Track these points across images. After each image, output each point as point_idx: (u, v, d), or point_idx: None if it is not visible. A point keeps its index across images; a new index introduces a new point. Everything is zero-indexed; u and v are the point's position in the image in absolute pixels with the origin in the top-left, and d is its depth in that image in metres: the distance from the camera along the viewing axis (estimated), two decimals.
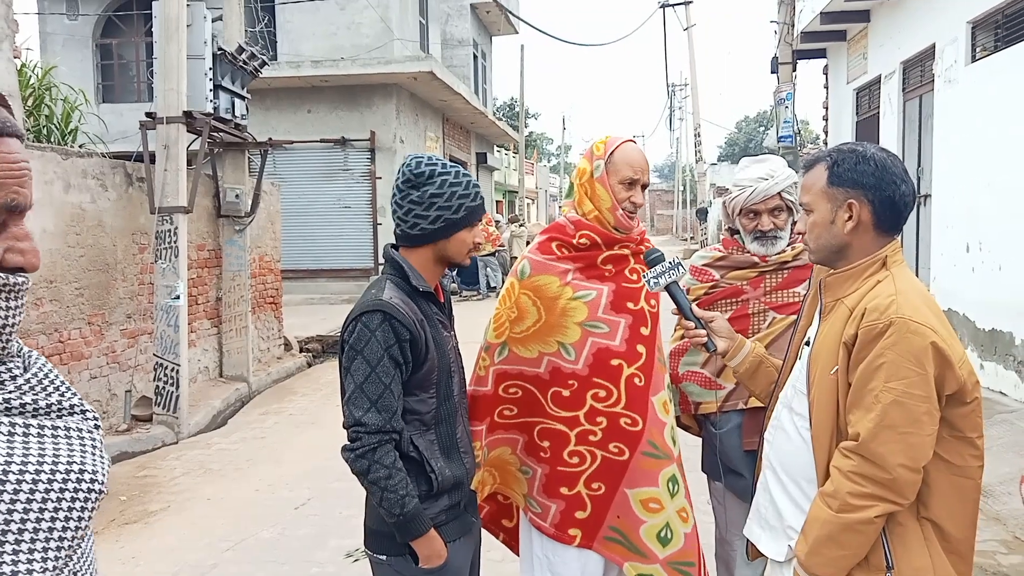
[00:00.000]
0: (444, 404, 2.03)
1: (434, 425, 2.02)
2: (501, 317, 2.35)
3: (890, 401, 1.62)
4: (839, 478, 1.67)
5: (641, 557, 2.27)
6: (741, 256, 2.53)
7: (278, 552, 4.21)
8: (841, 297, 1.79)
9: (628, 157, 2.31)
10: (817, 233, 1.82)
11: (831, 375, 1.73)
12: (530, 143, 40.40)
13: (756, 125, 59.47)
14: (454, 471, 2.03)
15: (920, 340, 1.63)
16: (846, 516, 1.65)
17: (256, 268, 9.28)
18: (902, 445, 1.62)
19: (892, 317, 1.64)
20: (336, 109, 15.14)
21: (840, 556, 1.68)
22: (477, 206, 2.07)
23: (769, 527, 1.91)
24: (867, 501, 1.64)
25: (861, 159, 1.77)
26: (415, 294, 1.98)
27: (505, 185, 31.14)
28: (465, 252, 2.08)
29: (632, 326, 2.30)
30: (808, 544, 1.71)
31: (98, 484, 0.93)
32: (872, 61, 10.75)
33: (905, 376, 1.62)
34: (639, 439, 2.28)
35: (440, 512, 2.01)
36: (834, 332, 1.75)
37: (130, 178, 6.91)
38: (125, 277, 6.80)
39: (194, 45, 6.80)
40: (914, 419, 1.62)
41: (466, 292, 16.85)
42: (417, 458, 1.96)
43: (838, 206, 1.78)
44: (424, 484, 1.97)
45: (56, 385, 0.99)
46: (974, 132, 7.47)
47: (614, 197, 2.29)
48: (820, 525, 1.69)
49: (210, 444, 6.45)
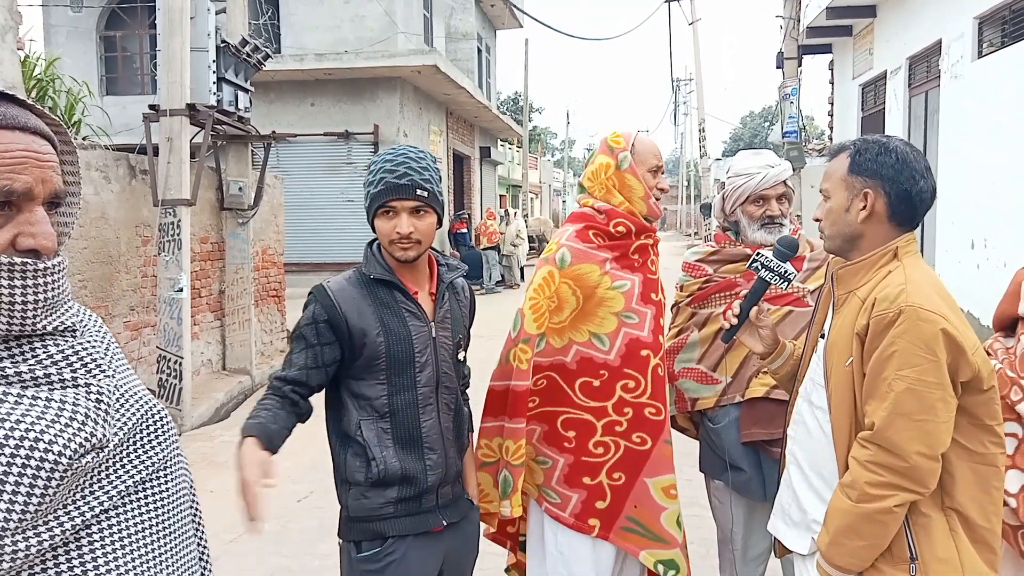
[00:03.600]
0: (400, 394, 1.96)
1: (389, 415, 1.95)
2: (540, 307, 2.29)
3: (903, 389, 1.63)
4: (857, 468, 1.68)
5: (662, 544, 2.29)
6: (734, 250, 2.53)
7: (281, 544, 4.21)
8: (853, 289, 1.80)
9: (649, 146, 2.39)
10: (832, 219, 1.84)
11: (846, 367, 1.74)
12: (534, 137, 40.32)
13: (761, 120, 59.32)
14: (405, 464, 1.94)
15: (930, 327, 1.63)
16: (865, 506, 1.65)
17: (259, 261, 9.28)
18: (918, 432, 1.62)
19: (902, 305, 1.65)
20: (340, 102, 15.12)
21: (861, 546, 1.68)
22: (400, 184, 1.91)
23: (793, 523, 1.91)
24: (886, 490, 1.64)
25: (883, 151, 1.79)
26: (372, 282, 1.97)
27: (509, 179, 31.10)
28: (387, 244, 1.97)
29: (655, 317, 2.35)
30: (829, 535, 1.72)
31: (52, 455, 0.94)
32: (878, 56, 10.71)
33: (917, 364, 1.62)
34: (662, 428, 2.32)
35: (386, 504, 1.95)
36: (847, 324, 1.76)
37: (133, 170, 6.90)
38: (128, 270, 6.80)
39: (197, 38, 6.79)
40: (928, 406, 1.62)
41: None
42: (361, 442, 1.94)
43: (854, 195, 1.80)
44: (368, 471, 1.94)
45: (80, 362, 1.03)
46: (980, 128, 7.43)
47: (645, 185, 2.34)
48: (840, 516, 1.70)
49: (213, 436, 6.46)
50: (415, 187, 1.92)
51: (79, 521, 0.99)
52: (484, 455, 2.35)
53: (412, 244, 1.95)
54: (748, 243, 2.50)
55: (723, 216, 2.59)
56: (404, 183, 1.92)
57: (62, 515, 0.98)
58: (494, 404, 2.33)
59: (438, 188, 1.99)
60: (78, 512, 0.99)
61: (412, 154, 1.97)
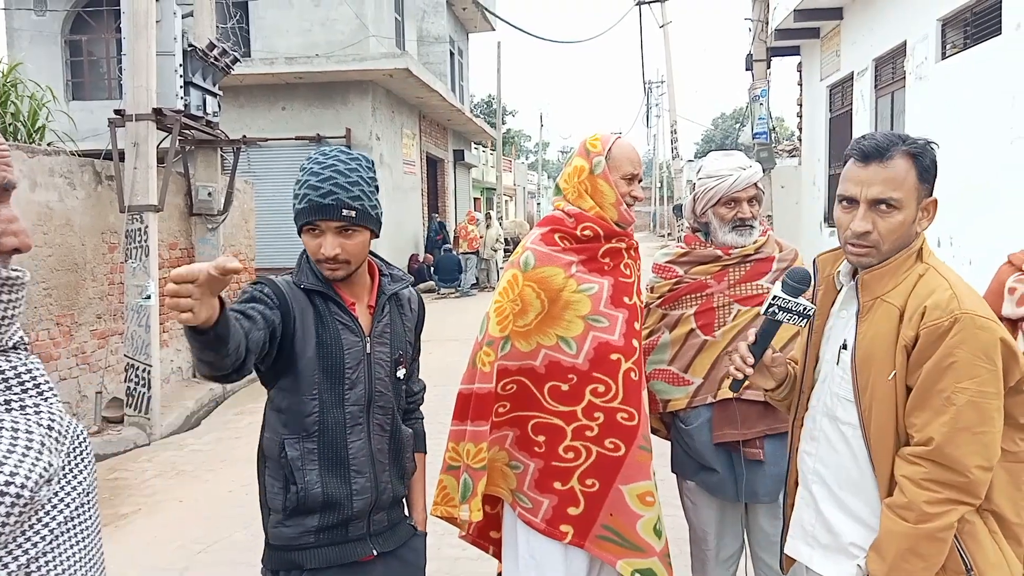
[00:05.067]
0: (331, 411, 1.81)
1: (317, 434, 1.80)
2: (504, 310, 2.28)
3: (965, 402, 1.55)
4: (911, 488, 1.60)
5: (639, 552, 2.26)
6: (704, 251, 2.53)
7: (252, 554, 4.11)
8: (880, 295, 1.69)
9: (627, 153, 2.36)
10: (899, 234, 1.67)
11: (888, 380, 1.64)
12: (508, 140, 40.34)
13: (732, 122, 59.87)
14: (328, 489, 1.80)
15: (990, 336, 1.56)
16: (925, 526, 1.58)
17: None
18: (977, 446, 1.56)
19: (956, 314, 1.57)
20: (311, 106, 15.01)
21: (923, 568, 1.60)
22: (324, 205, 1.75)
23: (821, 546, 1.81)
24: (945, 507, 1.57)
25: (934, 154, 1.67)
26: (306, 291, 1.84)
27: (483, 182, 31.08)
28: (315, 262, 1.83)
29: (628, 320, 2.32)
30: (888, 562, 1.62)
31: (14, 487, 0.89)
32: (845, 58, 10.85)
33: (977, 375, 1.55)
34: (635, 433, 2.29)
35: (305, 533, 1.81)
36: (883, 334, 1.66)
37: (99, 176, 6.80)
38: (95, 277, 6.69)
39: (164, 41, 6.70)
40: (987, 417, 1.56)
41: (444, 289, 16.82)
42: (285, 465, 1.79)
43: (921, 205, 1.68)
44: (287, 498, 1.80)
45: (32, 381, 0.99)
46: (944, 128, 7.55)
47: (617, 192, 2.32)
48: (899, 539, 1.61)
49: (183, 445, 6.37)
50: (340, 207, 1.76)
51: (23, 560, 0.93)
52: (451, 458, 2.34)
53: (340, 265, 1.81)
54: (718, 244, 2.51)
55: (694, 218, 2.59)
56: (328, 203, 1.75)
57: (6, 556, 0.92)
58: (462, 408, 2.32)
59: (370, 203, 1.82)
60: (25, 548, 0.93)
61: (341, 167, 1.79)
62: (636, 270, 2.42)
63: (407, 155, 17.50)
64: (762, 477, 2.40)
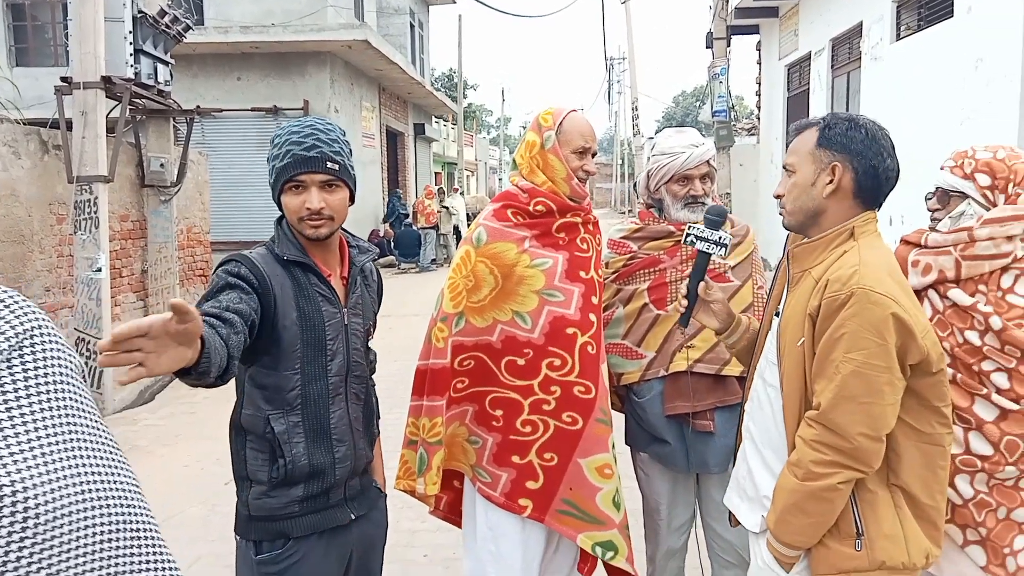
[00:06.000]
0: (313, 384, 1.84)
1: (300, 406, 1.83)
2: (457, 286, 2.28)
3: (850, 372, 1.63)
4: (803, 447, 1.70)
5: (598, 525, 2.29)
6: (657, 227, 2.55)
7: (208, 529, 4.12)
8: (808, 268, 1.80)
9: (578, 126, 2.33)
10: (796, 194, 1.82)
11: (798, 346, 1.74)
12: (469, 115, 40.00)
13: (693, 99, 60.17)
14: (314, 459, 1.84)
15: (880, 311, 1.63)
16: (810, 484, 1.67)
17: (184, 239, 9.00)
18: (862, 415, 1.64)
19: (853, 288, 1.64)
20: (267, 77, 14.69)
21: (807, 524, 1.70)
22: (309, 157, 1.78)
23: (747, 498, 1.92)
24: (830, 468, 1.66)
25: (853, 126, 1.78)
26: (285, 263, 1.83)
27: (444, 157, 30.85)
28: (296, 220, 1.83)
29: (584, 295, 2.32)
30: (777, 513, 1.74)
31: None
32: (803, 38, 10.96)
33: (865, 347, 1.63)
34: (592, 406, 2.30)
35: (291, 503, 1.84)
36: (800, 303, 1.76)
37: (46, 146, 6.59)
38: (43, 249, 6.51)
39: (112, 7, 6.49)
40: (875, 389, 1.63)
41: (404, 264, 16.73)
42: (271, 439, 1.81)
43: (822, 168, 1.79)
44: (273, 470, 1.82)
45: None
46: (898, 108, 7.70)
47: (568, 167, 2.31)
48: (787, 494, 1.72)
49: (136, 420, 6.28)
50: (325, 159, 1.80)
51: None
52: (411, 433, 2.35)
53: (324, 221, 1.82)
54: (671, 220, 2.53)
55: (647, 194, 2.61)
56: (313, 155, 1.79)
57: None
58: (419, 383, 2.33)
59: (349, 162, 1.87)
60: None
61: (320, 125, 1.84)
62: (595, 244, 2.43)
63: (366, 128, 17.27)
64: (712, 448, 2.45)
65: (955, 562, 2.00)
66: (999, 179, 1.97)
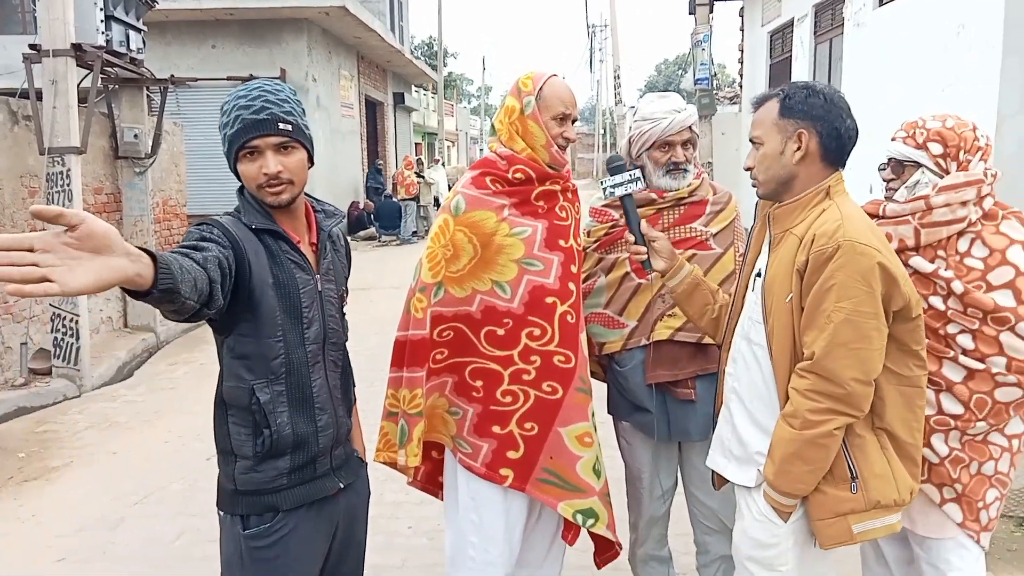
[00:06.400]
0: (295, 351, 1.81)
1: (284, 375, 1.79)
2: (436, 256, 2.25)
3: (841, 320, 1.72)
4: (797, 397, 1.78)
5: (579, 493, 2.29)
6: (639, 195, 2.53)
7: (189, 504, 4.10)
8: (789, 228, 1.88)
9: (558, 92, 2.30)
10: (767, 164, 1.90)
11: (787, 302, 1.82)
12: (449, 84, 39.61)
13: (675, 68, 59.91)
14: (298, 429, 1.82)
15: (867, 260, 1.72)
16: (808, 432, 1.76)
17: (160, 212, 8.87)
18: (853, 360, 1.73)
19: (840, 240, 1.73)
20: (243, 45, 14.41)
21: (806, 471, 1.79)
22: (260, 120, 1.72)
23: (734, 457, 2.00)
24: (825, 415, 1.75)
25: (811, 93, 1.87)
26: (254, 231, 1.78)
27: (424, 127, 30.56)
28: (256, 187, 1.77)
29: (564, 263, 2.31)
30: (776, 464, 1.82)
31: None
32: (785, 4, 10.88)
33: (854, 295, 1.72)
34: (572, 375, 2.30)
35: (278, 476, 1.81)
36: (786, 261, 1.84)
37: (15, 116, 6.43)
38: (14, 223, 6.38)
39: None
40: (864, 335, 1.73)
41: (385, 237, 16.61)
42: (256, 410, 1.77)
43: (788, 137, 1.87)
44: (258, 443, 1.79)
45: None
46: (880, 75, 7.68)
47: (548, 133, 2.28)
48: (785, 444, 1.80)
49: (115, 396, 6.21)
50: (277, 121, 1.73)
51: None
52: (390, 405, 2.33)
53: (283, 185, 1.76)
54: (653, 188, 2.49)
55: (629, 160, 2.57)
56: (263, 118, 1.72)
57: None
58: (398, 355, 2.30)
59: (303, 121, 1.80)
60: None
61: (268, 87, 1.77)
62: (574, 212, 2.40)
63: (345, 97, 17.03)
64: (694, 416, 2.45)
65: (934, 521, 2.10)
66: (950, 147, 2.05)
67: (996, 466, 2.06)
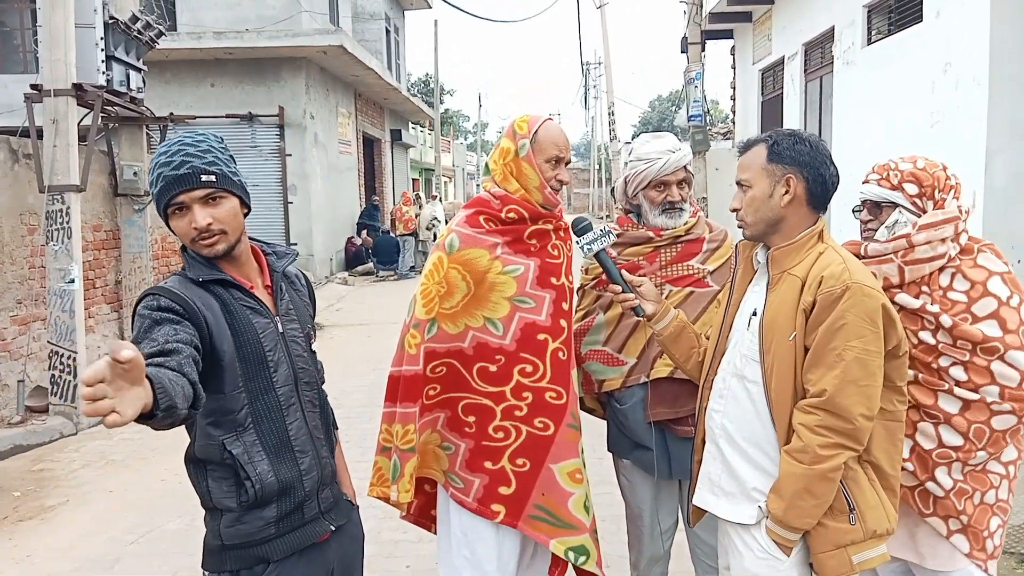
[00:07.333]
0: (262, 398, 1.77)
1: (253, 424, 1.76)
2: (430, 292, 2.28)
3: (852, 359, 1.80)
4: (807, 433, 1.83)
5: (571, 530, 2.30)
6: (636, 232, 2.57)
7: (186, 543, 4.06)
8: (787, 269, 1.95)
9: (552, 136, 2.35)
10: (756, 207, 1.97)
11: (789, 340, 1.88)
12: (446, 120, 40.00)
13: (669, 104, 60.53)
14: (281, 475, 1.78)
15: (874, 303, 1.82)
16: (817, 467, 1.81)
17: (159, 249, 8.90)
18: (862, 396, 1.81)
19: (848, 283, 1.82)
20: (242, 83, 14.57)
21: (814, 505, 1.84)
22: (180, 175, 1.70)
23: (725, 494, 2.02)
24: (834, 451, 1.81)
25: (798, 140, 1.96)
26: (202, 284, 1.75)
27: (421, 163, 30.80)
28: (190, 241, 1.75)
29: (555, 301, 2.34)
30: (785, 500, 1.86)
31: None
32: (776, 42, 11.08)
33: (863, 335, 1.81)
34: (564, 412, 2.32)
35: (266, 526, 1.78)
36: (788, 300, 1.91)
37: (15, 155, 6.49)
38: (14, 260, 6.40)
39: (83, 13, 6.41)
40: (871, 372, 1.82)
41: (383, 272, 16.65)
42: (231, 464, 1.74)
43: (776, 181, 1.95)
44: (241, 494, 1.75)
45: None
46: (869, 111, 7.80)
47: (541, 176, 2.32)
48: (795, 480, 1.84)
49: (112, 434, 6.16)
50: (199, 173, 1.71)
51: None
52: (384, 440, 2.35)
53: (216, 236, 1.74)
54: (650, 226, 2.53)
55: (625, 200, 2.62)
56: (184, 172, 1.70)
57: None
58: (392, 390, 2.33)
59: (229, 169, 1.77)
60: None
61: (188, 140, 1.76)
62: (566, 251, 2.44)
63: (343, 134, 17.19)
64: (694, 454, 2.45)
65: (943, 554, 2.12)
66: (926, 187, 2.12)
67: (997, 494, 2.09)
